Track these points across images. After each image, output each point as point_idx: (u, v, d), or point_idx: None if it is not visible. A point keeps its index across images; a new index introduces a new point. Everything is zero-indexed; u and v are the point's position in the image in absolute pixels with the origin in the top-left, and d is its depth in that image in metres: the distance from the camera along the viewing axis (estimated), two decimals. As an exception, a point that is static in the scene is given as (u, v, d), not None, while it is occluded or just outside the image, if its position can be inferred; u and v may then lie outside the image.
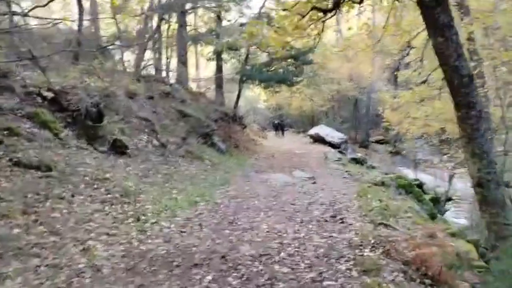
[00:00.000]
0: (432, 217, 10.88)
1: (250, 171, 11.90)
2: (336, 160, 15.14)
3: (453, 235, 7.54)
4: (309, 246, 4.82)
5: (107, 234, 4.70)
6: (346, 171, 12.31)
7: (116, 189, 6.27)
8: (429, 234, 5.03)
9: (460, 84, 3.88)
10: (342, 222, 5.93)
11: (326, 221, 6.05)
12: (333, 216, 6.24)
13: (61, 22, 6.14)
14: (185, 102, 14.36)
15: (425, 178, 21.02)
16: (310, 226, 5.77)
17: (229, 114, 19.76)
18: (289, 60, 16.41)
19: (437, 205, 13.58)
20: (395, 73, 24.02)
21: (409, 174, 21.62)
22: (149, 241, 4.82)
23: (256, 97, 39.30)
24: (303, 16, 6.01)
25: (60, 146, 6.67)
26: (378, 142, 34.26)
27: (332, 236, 5.21)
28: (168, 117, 12.53)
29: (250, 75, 15.47)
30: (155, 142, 10.02)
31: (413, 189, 11.49)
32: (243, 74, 16.26)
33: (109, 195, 5.98)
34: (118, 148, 8.06)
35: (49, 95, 6.98)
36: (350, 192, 8.73)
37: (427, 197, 12.85)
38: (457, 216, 15.38)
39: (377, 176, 12.35)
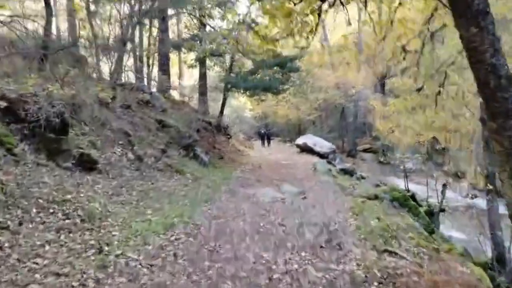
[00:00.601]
0: (430, 232, 10.24)
1: (235, 186, 11.07)
2: (326, 172, 14.43)
3: (460, 255, 6.88)
4: (304, 283, 4.02)
5: (57, 274, 3.82)
6: (337, 184, 11.59)
7: (77, 213, 5.38)
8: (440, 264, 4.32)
9: (497, 87, 3.18)
10: (340, 249, 5.16)
11: (322, 247, 5.27)
12: (329, 241, 5.47)
13: (10, 21, 5.26)
14: (166, 111, 13.51)
15: (416, 188, 20.55)
16: (304, 254, 4.99)
17: (213, 123, 18.98)
18: (276, 67, 15.73)
19: (431, 217, 12.96)
20: (386, 80, 23.69)
21: (400, 184, 21.12)
22: (109, 280, 3.95)
23: (241, 106, 38.65)
24: (295, 4, 5.25)
25: (12, 163, 5.74)
26: (366, 151, 33.83)
27: (330, 269, 4.44)
28: (147, 128, 11.65)
29: (235, 83, 14.73)
30: (130, 155, 9.13)
31: (408, 202, 10.83)
32: (227, 82, 15.51)
33: (67, 221, 5.10)
34: (86, 163, 7.16)
35: (2, 104, 6.07)
36: (344, 208, 7.99)
37: (421, 209, 12.26)
38: (452, 228, 14.82)
39: (369, 188, 11.70)
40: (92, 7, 14.92)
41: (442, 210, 16.17)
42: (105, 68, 13.43)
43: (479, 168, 8.54)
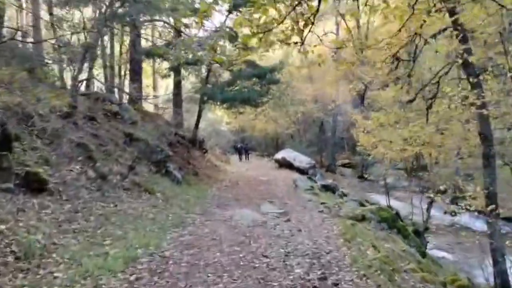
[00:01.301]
0: (423, 255, 9.54)
1: (211, 206, 10.07)
2: (308, 189, 13.62)
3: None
4: None
5: None
6: (322, 203, 10.77)
7: (10, 249, 4.29)
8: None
9: None
10: (338, 289, 4.26)
11: (315, 287, 4.35)
12: (324, 278, 4.57)
13: None
14: (136, 123, 12.43)
15: (397, 204, 20.05)
16: (295, 298, 4.06)
17: (188, 137, 17.94)
18: (254, 78, 14.95)
19: (419, 237, 12.31)
20: (367, 94, 23.32)
21: (381, 200, 20.58)
22: None
23: (218, 119, 37.72)
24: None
25: None
26: (345, 165, 33.44)
27: (330, 321, 3.52)
28: (113, 142, 10.53)
29: (212, 94, 13.84)
30: (91, 173, 8.01)
31: (397, 223, 10.12)
32: (203, 93, 14.58)
33: (-5, 261, 3.99)
34: (33, 184, 6.03)
35: None
36: (334, 233, 7.13)
37: (409, 229, 11.60)
38: (438, 247, 14.23)
39: (355, 208, 10.94)
40: (58, 11, 13.86)
41: (426, 229, 15.66)
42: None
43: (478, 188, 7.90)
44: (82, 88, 13.82)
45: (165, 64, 16.34)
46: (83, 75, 11.84)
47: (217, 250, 5.92)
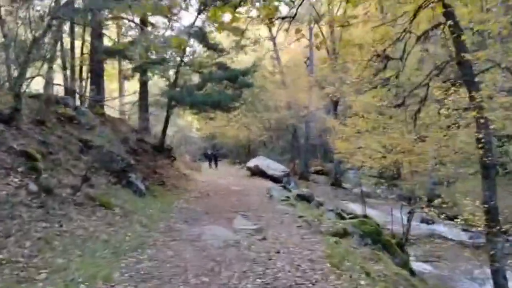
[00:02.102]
0: (411, 273, 8.85)
1: (178, 221, 8.98)
2: (283, 200, 12.76)
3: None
4: None
5: None
6: (300, 217, 9.89)
7: None
8: None
9: None
10: None
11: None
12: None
13: None
14: (95, 129, 11.19)
15: (373, 213, 19.56)
16: None
17: (154, 144, 16.74)
18: (225, 81, 14.01)
19: (402, 251, 11.68)
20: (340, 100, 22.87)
21: (357, 209, 20.04)
22: None
23: (188, 125, 36.44)
24: None
25: None
26: (317, 173, 32.94)
27: None
28: (66, 149, 9.28)
29: (180, 98, 12.76)
30: (32, 186, 6.77)
31: (381, 238, 9.41)
32: (170, 97, 13.48)
33: None
34: None
35: None
36: (317, 255, 6.25)
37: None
38: (418, 258, 13.68)
39: (335, 221, 10.16)
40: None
41: (406, 239, 15.13)
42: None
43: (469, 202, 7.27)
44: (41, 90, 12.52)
45: (131, 65, 15.09)
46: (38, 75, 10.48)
47: (181, 281, 4.90)
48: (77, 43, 19.64)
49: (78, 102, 15.73)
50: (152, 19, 17.29)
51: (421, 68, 11.75)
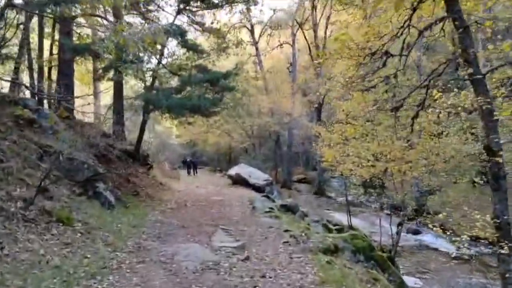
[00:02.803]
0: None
1: (149, 237, 7.96)
2: (267, 211, 11.84)
3: None
4: None
5: None
6: (285, 231, 9.01)
7: None
8: None
9: None
10: None
11: None
12: None
13: None
14: (58, 134, 10.04)
15: (358, 222, 18.91)
16: None
17: (129, 151, 15.61)
18: (206, 84, 13.09)
19: (393, 265, 10.95)
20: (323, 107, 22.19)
21: (341, 219, 19.34)
22: None
23: (168, 131, 35.22)
24: None
25: None
26: (300, 181, 32.28)
27: None
28: (21, 156, 8.16)
29: (156, 101, 11.75)
30: (-29, 200, 5.70)
31: (374, 254, 8.63)
32: (146, 99, 12.45)
33: None
34: None
35: None
36: (309, 279, 5.37)
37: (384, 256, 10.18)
38: (408, 271, 12.99)
39: (324, 235, 9.31)
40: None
41: (395, 252, 14.47)
42: None
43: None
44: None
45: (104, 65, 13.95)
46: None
47: (146, 321, 3.94)
48: (48, 43, 18.55)
49: (46, 105, 14.58)
50: (128, 18, 16.33)
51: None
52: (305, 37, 25.42)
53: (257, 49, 28.42)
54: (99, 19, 15.85)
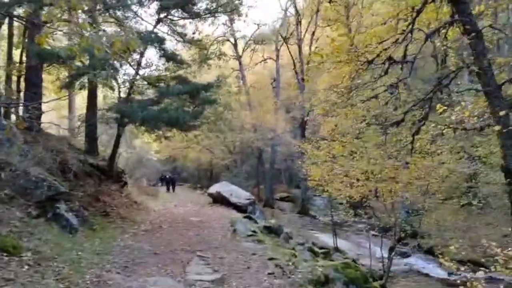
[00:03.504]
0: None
1: (113, 268, 6.89)
2: (249, 235, 10.88)
3: None
4: None
5: None
6: (270, 259, 8.08)
7: None
8: None
9: None
10: None
11: None
12: None
13: None
14: (16, 147, 8.94)
15: (344, 244, 18.10)
16: None
17: (102, 167, 14.47)
18: (185, 96, 12.21)
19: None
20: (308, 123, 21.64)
21: (327, 240, 18.49)
22: None
23: (146, 147, 33.93)
24: None
25: None
26: (283, 199, 31.38)
27: None
28: (-34, 172, 7.06)
29: (130, 113, 10.78)
30: None
31: (369, 286, 7.78)
32: (119, 111, 11.45)
33: None
34: None
35: None
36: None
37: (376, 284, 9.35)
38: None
39: (312, 264, 8.42)
40: None
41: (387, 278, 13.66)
42: None
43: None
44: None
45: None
46: None
47: None
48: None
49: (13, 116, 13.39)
50: (107, 28, 15.41)
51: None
52: (289, 52, 24.98)
53: (240, 63, 27.81)
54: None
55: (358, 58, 5.32)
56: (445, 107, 5.77)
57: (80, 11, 11.54)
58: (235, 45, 27.85)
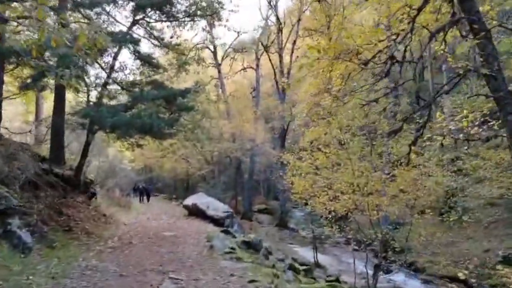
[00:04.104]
0: None
1: (70, 296, 5.96)
2: (227, 252, 10.05)
3: None
4: None
5: None
6: (250, 281, 7.29)
7: None
8: None
9: None
10: None
11: None
12: None
13: None
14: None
15: (325, 260, 17.48)
16: None
17: (68, 177, 13.38)
18: (160, 101, 11.37)
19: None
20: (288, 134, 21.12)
21: (307, 255, 17.82)
22: None
23: (119, 156, 32.57)
24: None
25: None
26: (261, 211, 30.65)
27: None
28: None
29: (98, 118, 9.85)
30: None
31: (359, 310, 7.10)
32: (86, 115, 10.48)
33: None
34: None
35: None
36: None
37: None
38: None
39: (298, 287, 7.69)
40: None
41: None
42: None
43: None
44: None
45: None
46: None
47: None
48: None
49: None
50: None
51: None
52: (270, 60, 24.47)
53: (219, 71, 27.13)
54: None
55: (357, 56, 4.72)
56: (444, 117, 5.22)
57: (47, 8, 10.61)
58: (214, 53, 27.18)
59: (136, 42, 10.95)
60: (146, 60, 11.86)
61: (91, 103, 12.20)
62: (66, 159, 15.21)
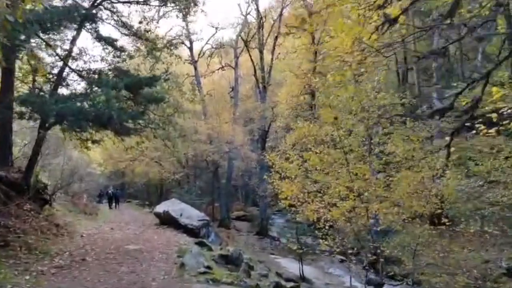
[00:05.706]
0: None
1: None
2: (202, 272, 8.24)
3: None
4: None
5: None
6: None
7: None
8: None
9: None
10: None
11: None
12: None
13: None
14: None
15: (310, 271, 15.90)
16: None
17: (12, 180, 11.31)
18: (124, 91, 9.51)
19: None
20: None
21: (290, 267, 16.21)
22: None
23: (86, 158, 30.15)
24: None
25: None
26: (239, 218, 28.93)
27: None
28: None
29: (39, 105, 7.92)
30: None
31: None
32: (25, 103, 8.50)
33: None
34: None
35: None
36: None
37: None
38: None
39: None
40: None
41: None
42: None
43: None
44: None
45: None
46: None
47: None
48: None
49: None
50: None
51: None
52: (250, 56, 22.89)
53: (195, 68, 25.31)
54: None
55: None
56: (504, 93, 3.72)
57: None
58: (190, 48, 25.39)
59: (92, 18, 9.08)
60: (107, 42, 9.99)
61: (42, 93, 10.20)
62: (14, 160, 13.09)
